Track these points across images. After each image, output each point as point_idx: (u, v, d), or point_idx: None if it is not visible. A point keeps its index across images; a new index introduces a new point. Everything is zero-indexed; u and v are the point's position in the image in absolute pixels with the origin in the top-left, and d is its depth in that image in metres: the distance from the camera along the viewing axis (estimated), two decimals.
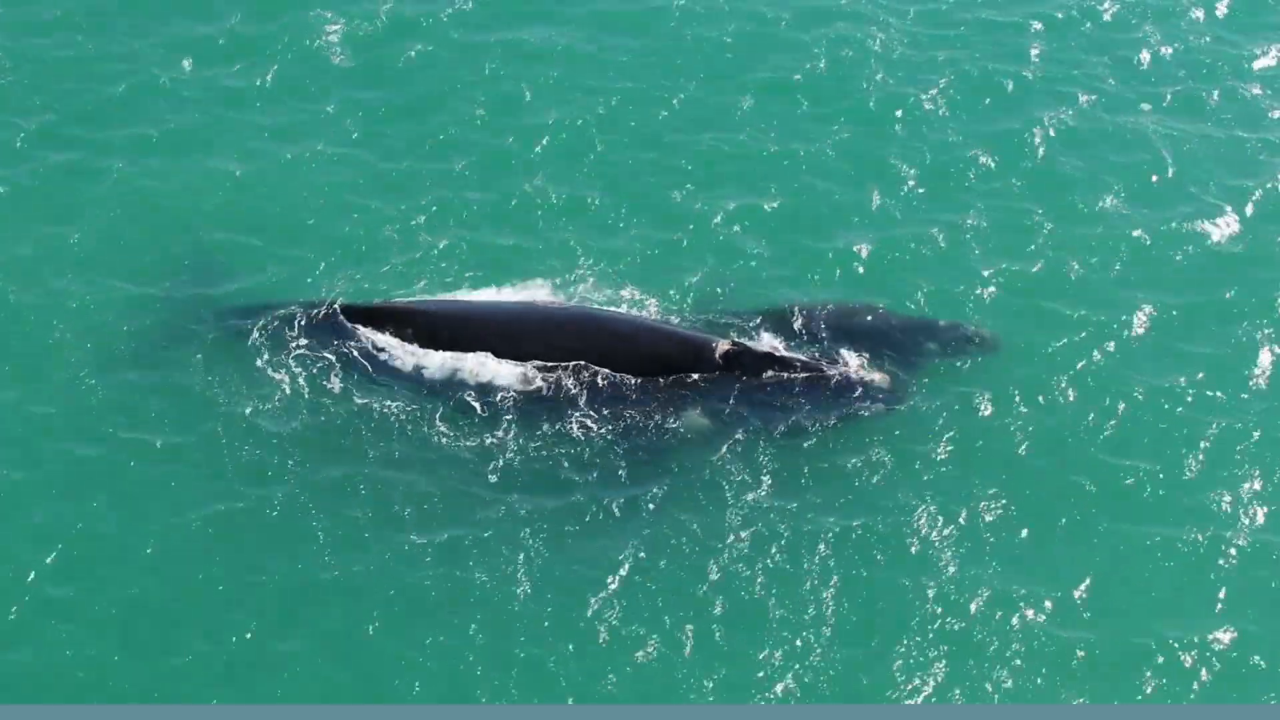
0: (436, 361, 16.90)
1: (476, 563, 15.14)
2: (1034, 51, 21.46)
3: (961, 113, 20.49)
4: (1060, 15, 22.00)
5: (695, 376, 16.63)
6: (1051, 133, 20.17)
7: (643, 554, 15.24)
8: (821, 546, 15.34)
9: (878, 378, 16.81)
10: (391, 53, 20.86)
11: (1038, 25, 21.83)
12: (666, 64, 20.94)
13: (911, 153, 19.83)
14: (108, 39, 20.82)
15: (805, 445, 16.26)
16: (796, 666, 14.42)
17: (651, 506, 15.66)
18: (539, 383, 16.64)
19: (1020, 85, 20.92)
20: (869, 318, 17.47)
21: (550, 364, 16.70)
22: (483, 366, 16.79)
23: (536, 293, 17.78)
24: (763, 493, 15.83)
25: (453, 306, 17.36)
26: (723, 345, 16.72)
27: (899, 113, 20.38)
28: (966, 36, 21.72)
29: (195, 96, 20.11)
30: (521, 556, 15.22)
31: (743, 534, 15.46)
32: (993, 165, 19.68)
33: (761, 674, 14.38)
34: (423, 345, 16.98)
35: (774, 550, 15.31)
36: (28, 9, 21.11)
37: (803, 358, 16.90)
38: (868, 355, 17.03)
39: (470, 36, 21.19)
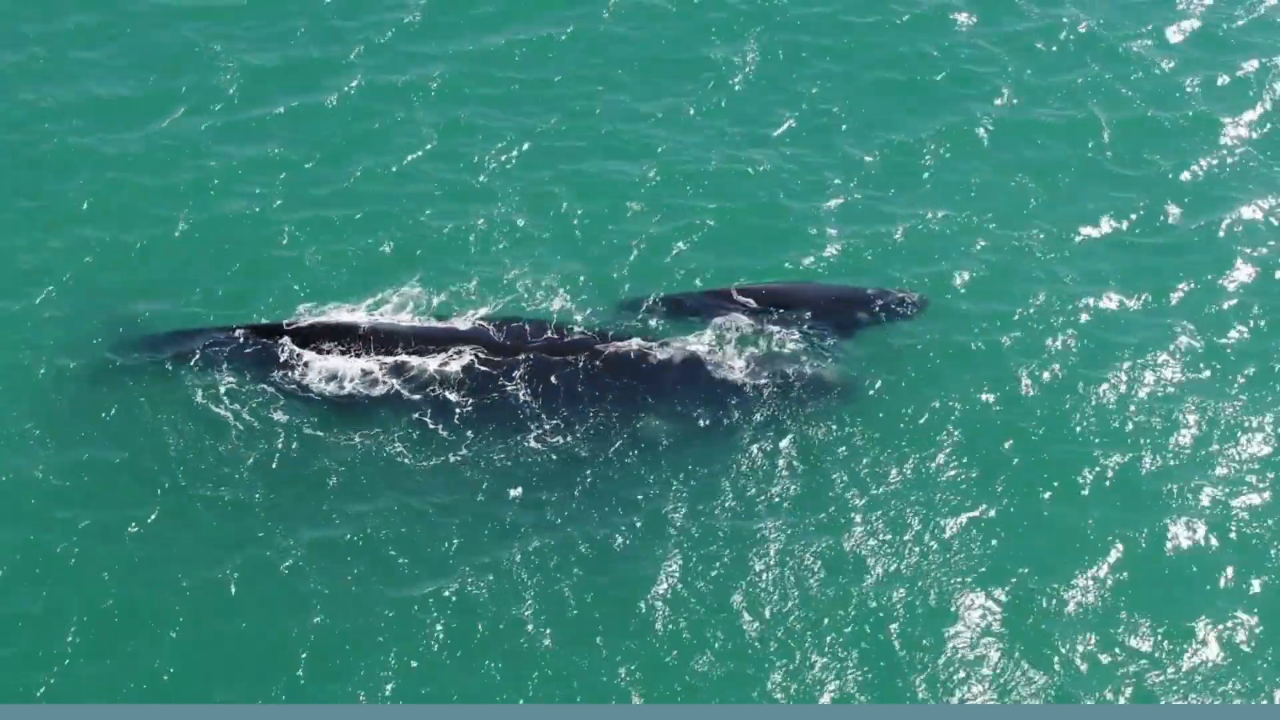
0: (377, 374, 16.68)
1: (455, 574, 15.21)
2: (976, 45, 22.04)
3: (896, 107, 20.91)
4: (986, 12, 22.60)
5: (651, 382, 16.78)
6: (992, 125, 20.65)
7: (616, 554, 15.43)
8: (780, 544, 15.57)
9: (827, 373, 17.06)
10: (315, 88, 20.75)
11: (968, 19, 22.36)
12: (601, 71, 21.15)
13: (848, 150, 20.19)
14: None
15: (762, 443, 16.45)
16: (783, 664, 14.66)
17: (612, 509, 15.77)
18: (492, 394, 16.49)
19: (957, 79, 21.40)
20: (803, 292, 17.76)
21: (501, 375, 16.61)
22: (425, 372, 16.66)
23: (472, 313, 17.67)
24: (726, 495, 16.01)
25: (389, 324, 17.20)
26: (679, 353, 16.91)
27: (835, 109, 20.77)
28: (896, 32, 22.15)
29: (102, 136, 19.76)
30: (493, 562, 15.31)
31: (709, 534, 15.63)
32: (937, 156, 20.17)
33: (748, 673, 14.60)
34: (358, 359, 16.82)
35: (738, 548, 15.54)
36: None
37: (749, 360, 17.08)
38: (815, 350, 17.28)
39: (396, 59, 21.26)
